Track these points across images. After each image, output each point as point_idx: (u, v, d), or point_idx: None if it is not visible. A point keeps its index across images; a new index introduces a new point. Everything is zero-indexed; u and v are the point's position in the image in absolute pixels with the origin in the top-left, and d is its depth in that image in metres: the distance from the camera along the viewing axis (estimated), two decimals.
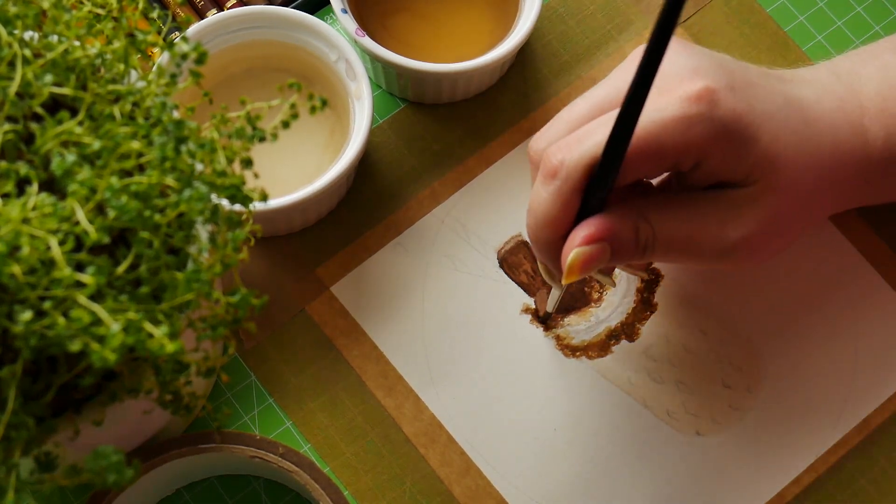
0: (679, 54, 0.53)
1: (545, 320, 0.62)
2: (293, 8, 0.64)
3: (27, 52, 0.44)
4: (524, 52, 0.67)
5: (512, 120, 0.66)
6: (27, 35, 0.46)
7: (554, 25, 0.68)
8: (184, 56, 0.46)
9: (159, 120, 0.44)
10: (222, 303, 0.44)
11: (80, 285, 0.39)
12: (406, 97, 0.66)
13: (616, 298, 0.63)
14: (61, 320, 0.39)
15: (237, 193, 0.44)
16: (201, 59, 0.45)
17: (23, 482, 0.43)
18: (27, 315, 0.38)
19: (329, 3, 0.67)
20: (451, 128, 0.65)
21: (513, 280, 0.63)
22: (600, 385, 0.61)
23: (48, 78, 0.44)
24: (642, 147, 0.51)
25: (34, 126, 0.43)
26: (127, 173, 0.43)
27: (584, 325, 0.62)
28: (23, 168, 0.42)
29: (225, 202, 0.48)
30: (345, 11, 0.61)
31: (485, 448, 0.60)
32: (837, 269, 0.63)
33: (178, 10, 0.67)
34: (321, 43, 0.61)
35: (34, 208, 0.40)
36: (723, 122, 0.51)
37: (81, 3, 0.48)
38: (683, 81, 0.52)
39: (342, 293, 0.62)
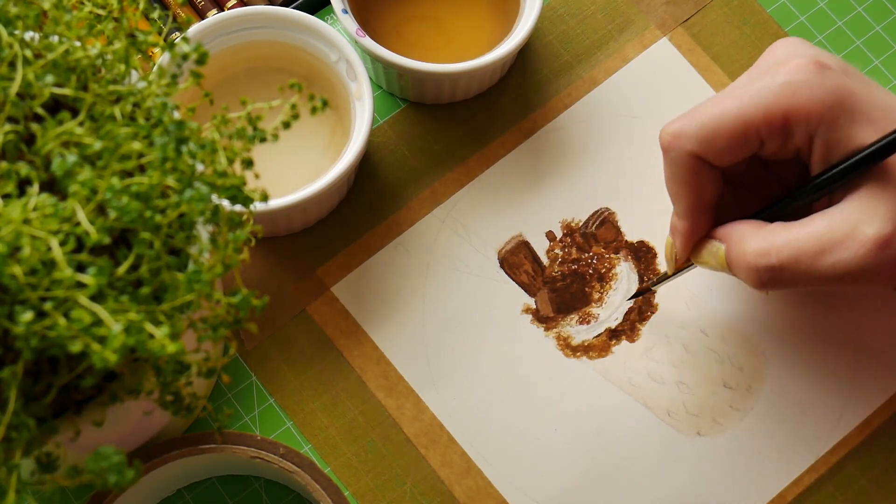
0: (795, 44, 0.54)
1: (640, 294, 0.62)
2: (294, 8, 0.64)
3: (28, 53, 0.44)
4: (525, 53, 0.67)
5: (512, 120, 0.66)
6: (28, 36, 0.46)
7: (554, 25, 0.68)
8: (184, 56, 0.46)
9: (160, 120, 0.44)
10: (223, 303, 0.44)
11: (80, 286, 0.39)
12: (407, 97, 0.66)
13: (617, 298, 0.63)
14: (62, 321, 0.39)
15: (238, 194, 0.44)
16: (202, 59, 0.45)
17: (24, 483, 0.43)
18: (28, 316, 0.38)
19: (329, 3, 0.67)
20: (451, 128, 0.65)
21: (513, 280, 0.63)
22: (601, 385, 0.61)
23: (49, 78, 0.44)
24: (751, 114, 0.51)
25: (35, 127, 0.43)
26: (128, 174, 0.43)
27: (584, 325, 0.62)
28: (24, 169, 0.42)
29: (226, 203, 0.48)
30: (345, 12, 0.61)
31: (485, 448, 0.60)
32: None
33: (179, 11, 0.67)
34: (322, 43, 0.61)
35: (35, 209, 0.40)
36: (831, 89, 0.51)
37: (82, 3, 0.48)
38: (792, 58, 0.52)
39: (343, 293, 0.62)
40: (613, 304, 0.62)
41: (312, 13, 0.67)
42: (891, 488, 0.60)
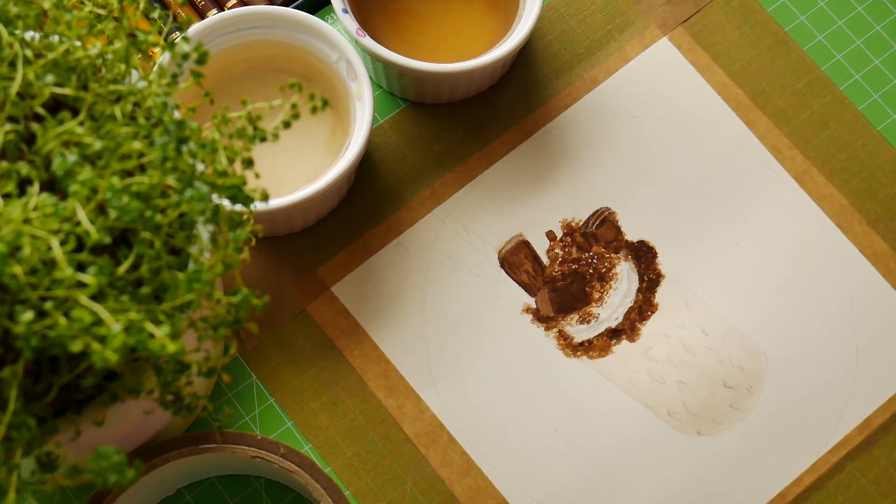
0: None
1: None
2: (294, 8, 0.64)
3: (28, 53, 0.44)
4: (525, 52, 0.67)
5: (513, 120, 0.66)
6: (28, 35, 0.46)
7: (554, 25, 0.68)
8: (185, 56, 0.46)
9: (160, 120, 0.44)
10: (223, 303, 0.44)
11: (81, 285, 0.39)
12: (407, 97, 0.66)
13: (617, 298, 0.63)
14: (62, 320, 0.39)
15: (238, 193, 0.44)
16: (202, 59, 0.45)
17: (24, 482, 0.43)
18: (28, 315, 0.38)
19: (330, 2, 0.67)
20: (451, 128, 0.65)
21: (513, 280, 0.63)
22: (601, 385, 0.61)
23: (49, 78, 0.44)
24: None
25: (35, 126, 0.43)
26: (128, 173, 0.43)
27: (584, 325, 0.62)
28: (24, 168, 0.42)
29: (226, 202, 0.48)
30: (346, 11, 0.61)
31: (485, 448, 0.60)
32: (838, 268, 0.63)
33: (179, 11, 0.67)
34: (322, 43, 0.61)
35: (35, 208, 0.40)
36: None
37: (82, 3, 0.48)
38: None
39: (343, 293, 0.62)
40: (614, 304, 0.62)
41: (312, 13, 0.67)
42: (891, 488, 0.60)
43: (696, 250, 0.63)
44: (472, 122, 0.65)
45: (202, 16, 0.67)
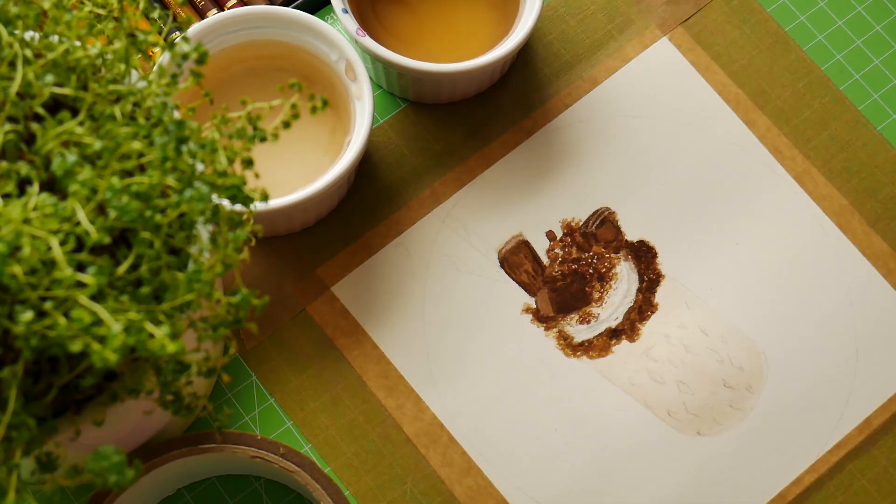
0: None
1: None
2: (294, 8, 0.64)
3: (28, 53, 0.44)
4: (525, 52, 0.67)
5: (512, 120, 0.66)
6: (28, 35, 0.46)
7: (555, 25, 0.68)
8: (185, 56, 0.46)
9: (160, 120, 0.44)
10: (223, 303, 0.44)
11: (81, 285, 0.39)
12: (407, 97, 0.66)
13: (617, 298, 0.63)
14: (62, 321, 0.39)
15: (238, 193, 0.44)
16: (202, 59, 0.45)
17: (24, 482, 0.43)
18: (28, 315, 0.38)
19: (330, 2, 0.67)
20: (451, 127, 0.65)
21: (513, 280, 0.63)
22: (601, 385, 0.61)
23: (49, 78, 0.44)
24: None
25: (35, 126, 0.43)
26: (128, 173, 0.43)
27: (584, 325, 0.62)
28: (24, 168, 0.42)
29: (226, 202, 0.48)
30: (345, 11, 0.61)
31: (486, 448, 0.60)
32: (838, 268, 0.63)
33: (179, 10, 0.67)
34: (322, 43, 0.61)
35: (35, 208, 0.40)
36: None
37: (82, 3, 0.48)
38: None
39: (343, 293, 0.62)
40: (614, 304, 0.62)
41: (312, 13, 0.67)
42: (891, 488, 0.60)
43: (696, 250, 0.63)
44: (472, 122, 0.65)
45: (202, 16, 0.67)
